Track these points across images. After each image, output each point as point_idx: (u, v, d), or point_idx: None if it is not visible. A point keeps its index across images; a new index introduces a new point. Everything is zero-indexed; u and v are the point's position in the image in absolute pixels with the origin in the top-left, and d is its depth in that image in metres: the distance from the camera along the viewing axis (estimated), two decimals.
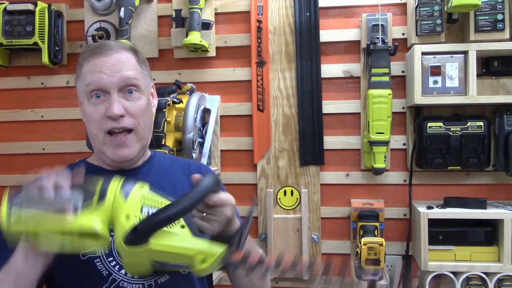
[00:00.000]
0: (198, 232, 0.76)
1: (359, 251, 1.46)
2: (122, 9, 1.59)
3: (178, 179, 1.14)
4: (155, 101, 1.05)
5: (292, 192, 1.67)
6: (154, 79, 1.06)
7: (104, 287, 0.90)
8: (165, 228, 0.69)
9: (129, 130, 0.95)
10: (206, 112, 1.65)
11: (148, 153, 1.06)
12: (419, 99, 1.45)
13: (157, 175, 1.08)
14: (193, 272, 0.72)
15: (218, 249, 0.71)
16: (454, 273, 1.44)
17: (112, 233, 0.71)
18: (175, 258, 0.70)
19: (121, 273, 0.91)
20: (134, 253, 0.68)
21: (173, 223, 0.71)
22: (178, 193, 1.10)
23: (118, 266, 0.91)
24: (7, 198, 0.71)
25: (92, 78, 0.93)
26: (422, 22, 1.51)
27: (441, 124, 1.49)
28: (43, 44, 1.69)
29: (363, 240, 1.44)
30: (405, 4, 1.62)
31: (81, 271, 0.90)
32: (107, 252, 0.91)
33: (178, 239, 0.71)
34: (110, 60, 0.95)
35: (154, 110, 1.04)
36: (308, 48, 1.64)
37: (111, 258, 0.91)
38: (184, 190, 1.11)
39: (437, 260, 1.45)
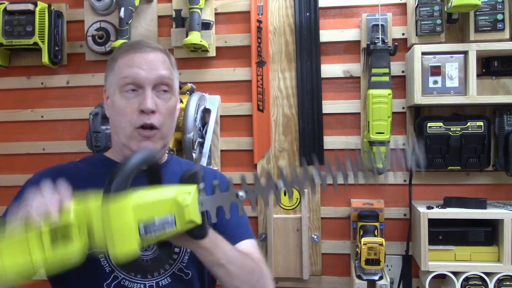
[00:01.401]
0: None
1: (359, 251, 1.46)
2: (122, 9, 1.59)
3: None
4: (178, 105, 1.07)
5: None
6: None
7: (105, 284, 0.91)
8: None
9: (156, 128, 0.97)
10: (206, 112, 1.65)
11: (165, 156, 1.08)
12: (419, 99, 1.45)
13: (170, 179, 1.09)
14: (181, 225, 0.71)
15: (191, 186, 0.73)
16: (454, 273, 1.44)
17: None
18: (159, 209, 0.70)
19: (124, 271, 0.92)
20: (119, 211, 0.66)
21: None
22: None
23: None
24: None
25: (129, 71, 0.96)
26: (422, 22, 1.51)
27: (441, 124, 1.49)
28: (43, 44, 1.69)
29: (363, 240, 1.44)
30: (405, 4, 1.62)
31: (84, 265, 0.90)
32: None
33: (154, 191, 0.73)
34: (148, 57, 0.98)
35: (177, 113, 1.06)
36: (308, 48, 1.64)
37: None
38: None
39: (437, 260, 1.45)
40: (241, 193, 0.80)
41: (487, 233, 1.46)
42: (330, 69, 1.66)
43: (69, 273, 0.89)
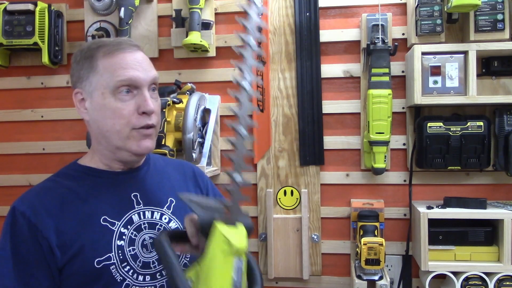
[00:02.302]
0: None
1: (359, 251, 1.46)
2: (122, 9, 1.59)
3: (175, 179, 1.15)
4: None
5: (292, 192, 1.67)
6: None
7: None
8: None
9: (153, 126, 0.98)
10: (206, 112, 1.65)
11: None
12: (419, 99, 1.45)
13: (155, 176, 1.09)
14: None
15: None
16: (454, 273, 1.44)
17: None
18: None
19: (134, 278, 0.93)
20: None
21: None
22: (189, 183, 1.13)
23: (131, 271, 0.93)
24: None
25: (127, 74, 0.93)
26: (422, 22, 1.51)
27: (441, 124, 1.49)
28: (43, 44, 1.69)
29: (363, 240, 1.44)
30: (405, 4, 1.62)
31: (96, 277, 0.90)
32: (121, 257, 0.92)
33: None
34: (138, 57, 0.97)
35: None
36: (308, 48, 1.64)
37: (125, 263, 0.93)
38: (182, 189, 1.13)
39: (437, 260, 1.45)
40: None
41: (487, 233, 1.46)
42: (330, 69, 1.66)
43: (81, 285, 0.90)
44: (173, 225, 1.04)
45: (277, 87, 1.68)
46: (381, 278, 1.45)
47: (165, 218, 1.03)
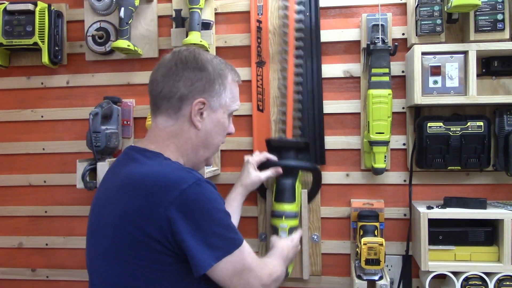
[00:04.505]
0: None
1: (359, 251, 1.46)
2: (122, 9, 1.59)
3: None
4: None
5: None
6: None
7: None
8: None
9: None
10: None
11: None
12: (419, 99, 1.45)
13: None
14: None
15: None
16: (454, 273, 1.44)
17: None
18: None
19: None
20: None
21: None
22: None
23: None
24: None
25: (238, 104, 1.19)
26: (422, 22, 1.51)
27: (441, 124, 1.49)
28: (43, 44, 1.69)
29: (363, 240, 1.44)
30: (405, 4, 1.62)
31: None
32: None
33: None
34: None
35: None
36: (308, 48, 1.64)
37: None
38: None
39: (437, 260, 1.45)
40: None
41: (487, 233, 1.46)
42: (330, 69, 1.66)
43: None
44: None
45: (277, 87, 1.67)
46: (381, 278, 1.45)
47: None
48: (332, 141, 1.66)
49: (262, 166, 1.50)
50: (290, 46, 1.60)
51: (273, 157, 1.52)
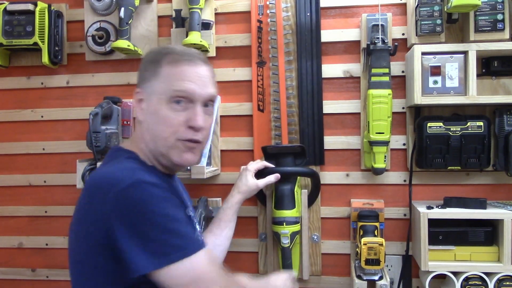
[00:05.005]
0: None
1: (359, 251, 1.46)
2: (122, 9, 1.59)
3: (181, 185, 1.24)
4: None
5: None
6: None
7: None
8: None
9: (200, 142, 1.01)
10: None
11: None
12: (419, 99, 1.45)
13: (179, 183, 1.19)
14: None
15: None
16: (454, 273, 1.44)
17: None
18: None
19: None
20: None
21: None
22: (188, 199, 1.20)
23: None
24: None
25: (183, 85, 0.97)
26: (422, 22, 1.51)
27: (441, 124, 1.49)
28: (43, 44, 1.69)
29: (363, 240, 1.44)
30: (405, 4, 1.62)
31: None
32: None
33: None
34: (201, 72, 1.00)
35: None
36: (308, 48, 1.64)
37: None
38: (187, 197, 1.22)
39: (437, 260, 1.45)
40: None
41: (487, 233, 1.46)
42: (330, 69, 1.66)
43: None
44: (198, 228, 1.12)
45: (277, 87, 1.67)
46: (381, 278, 1.45)
47: (195, 220, 1.12)
48: (332, 141, 1.66)
49: (260, 174, 1.49)
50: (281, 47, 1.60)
51: (271, 165, 1.52)
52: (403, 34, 1.62)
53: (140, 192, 0.87)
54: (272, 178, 1.47)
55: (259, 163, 1.51)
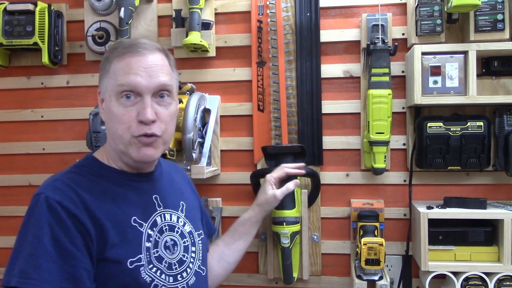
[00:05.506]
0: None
1: (359, 251, 1.46)
2: (122, 9, 1.59)
3: (179, 183, 1.18)
4: (177, 106, 1.04)
5: None
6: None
7: None
8: None
9: (157, 136, 0.95)
10: (206, 112, 1.65)
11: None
12: (419, 99, 1.45)
13: (167, 180, 1.11)
14: None
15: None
16: (454, 273, 1.44)
17: None
18: None
19: (162, 278, 0.94)
20: None
21: None
22: (186, 197, 1.14)
23: (159, 271, 0.94)
24: None
25: (126, 79, 0.91)
26: (422, 22, 1.51)
27: (441, 124, 1.49)
28: (43, 44, 1.69)
29: (363, 240, 1.44)
30: (405, 4, 1.62)
31: (127, 278, 0.90)
32: (148, 259, 0.93)
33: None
34: (147, 62, 0.93)
35: (177, 115, 1.04)
36: (308, 48, 1.64)
37: (152, 265, 0.93)
38: (186, 193, 1.17)
39: (437, 260, 1.45)
40: None
41: (487, 233, 1.46)
42: (330, 69, 1.66)
43: (113, 285, 0.89)
44: (187, 228, 1.06)
45: (277, 87, 1.67)
46: (381, 278, 1.45)
47: (181, 221, 1.05)
48: (332, 141, 1.66)
49: (284, 181, 1.44)
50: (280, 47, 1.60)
51: (293, 170, 1.46)
52: (403, 34, 1.62)
53: (33, 206, 0.87)
54: (291, 186, 1.41)
55: (279, 172, 1.43)
